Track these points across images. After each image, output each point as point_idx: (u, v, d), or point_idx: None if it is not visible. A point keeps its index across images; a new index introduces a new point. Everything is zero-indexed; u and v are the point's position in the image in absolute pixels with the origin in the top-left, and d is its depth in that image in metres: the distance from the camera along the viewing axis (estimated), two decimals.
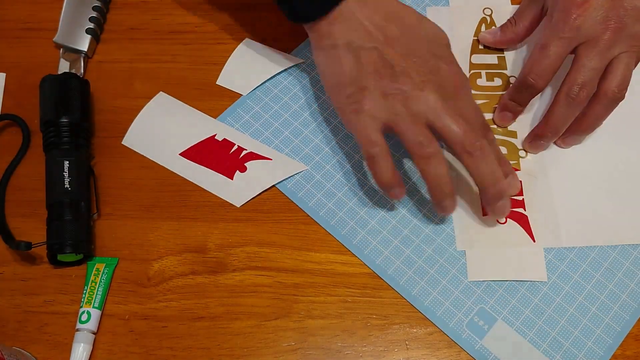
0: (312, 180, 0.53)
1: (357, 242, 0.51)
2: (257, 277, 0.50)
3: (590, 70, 0.49)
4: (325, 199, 0.53)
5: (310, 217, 0.52)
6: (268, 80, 0.58)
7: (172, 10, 0.61)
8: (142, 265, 0.51)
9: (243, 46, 0.59)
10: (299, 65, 0.58)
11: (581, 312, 0.49)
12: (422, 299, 0.49)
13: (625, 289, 0.49)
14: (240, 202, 0.53)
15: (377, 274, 0.50)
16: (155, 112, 0.56)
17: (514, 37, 0.57)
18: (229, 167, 0.54)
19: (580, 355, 0.47)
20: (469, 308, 0.49)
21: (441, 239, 0.51)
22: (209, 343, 0.48)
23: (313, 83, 0.57)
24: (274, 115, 0.56)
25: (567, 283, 0.50)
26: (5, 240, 0.50)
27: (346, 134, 0.55)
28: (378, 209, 0.52)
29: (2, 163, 0.54)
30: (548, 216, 0.52)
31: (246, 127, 0.56)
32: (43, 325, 0.49)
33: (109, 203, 0.53)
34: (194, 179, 0.53)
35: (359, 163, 0.54)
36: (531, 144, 0.54)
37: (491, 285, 0.50)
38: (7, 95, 0.57)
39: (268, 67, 0.58)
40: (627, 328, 0.48)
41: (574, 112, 0.51)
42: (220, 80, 0.58)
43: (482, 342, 0.48)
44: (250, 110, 0.56)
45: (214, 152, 0.54)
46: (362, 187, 0.53)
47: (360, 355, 0.48)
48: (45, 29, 0.60)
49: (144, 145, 0.55)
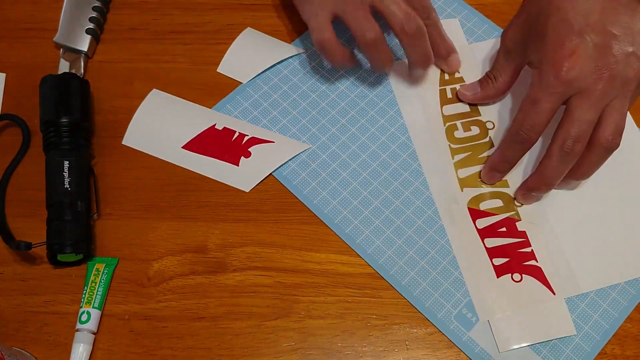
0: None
1: (349, 231, 0.52)
2: (258, 277, 0.50)
3: (584, 123, 0.47)
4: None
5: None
6: (268, 69, 0.58)
7: (172, 10, 0.61)
8: (142, 265, 0.51)
9: (244, 35, 0.60)
10: (299, 55, 0.59)
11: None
12: (412, 289, 0.50)
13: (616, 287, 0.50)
14: (249, 187, 0.53)
15: (370, 265, 0.50)
16: (152, 109, 0.56)
17: (495, 92, 0.56)
18: (233, 154, 0.54)
19: (567, 351, 0.47)
20: (458, 300, 0.49)
21: (433, 230, 0.51)
22: (209, 343, 0.48)
23: (313, 73, 0.58)
24: (273, 104, 0.57)
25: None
26: (5, 240, 0.50)
27: (344, 125, 0.56)
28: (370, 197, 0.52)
29: (2, 163, 0.54)
30: (560, 263, 0.50)
31: (245, 114, 0.56)
32: (43, 325, 0.48)
33: (109, 203, 0.53)
34: (200, 170, 0.54)
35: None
36: (524, 197, 0.52)
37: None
38: (7, 95, 0.57)
39: (269, 56, 0.58)
40: (612, 329, 0.48)
41: (569, 166, 0.49)
42: (221, 67, 0.58)
43: (469, 334, 0.48)
44: (249, 98, 0.57)
45: (216, 142, 0.55)
46: (357, 178, 0.53)
47: (360, 355, 0.48)
48: (45, 29, 0.60)
49: (145, 143, 0.55)
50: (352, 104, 0.57)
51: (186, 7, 0.62)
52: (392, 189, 0.53)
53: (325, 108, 0.57)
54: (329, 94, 0.57)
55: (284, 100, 0.57)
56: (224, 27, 0.60)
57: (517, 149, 0.51)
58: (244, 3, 0.62)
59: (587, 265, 0.50)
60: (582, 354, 0.47)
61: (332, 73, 0.58)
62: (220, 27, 0.60)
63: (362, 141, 0.55)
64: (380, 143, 0.55)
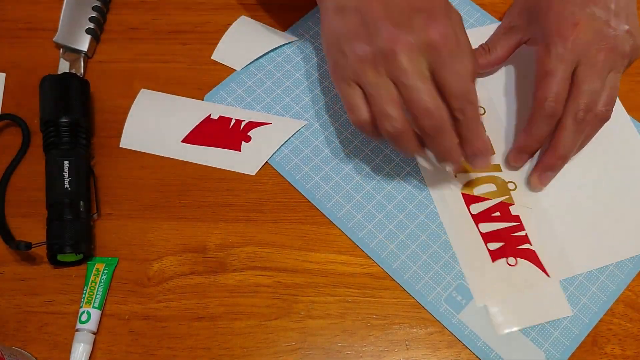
0: (300, 154, 0.54)
1: (341, 215, 0.52)
2: (257, 277, 0.50)
3: (593, 93, 0.49)
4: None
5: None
6: (262, 56, 0.58)
7: (172, 10, 0.61)
8: (142, 265, 0.51)
9: (238, 23, 0.60)
10: (293, 42, 0.59)
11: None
12: (403, 272, 0.50)
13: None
14: (254, 170, 0.54)
15: (361, 248, 0.51)
16: (144, 109, 0.56)
17: (487, 64, 0.56)
18: (233, 140, 0.55)
19: (556, 333, 0.48)
20: (448, 283, 0.50)
21: (424, 215, 0.52)
22: (209, 343, 0.48)
23: (306, 60, 0.58)
24: (266, 91, 0.57)
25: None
26: (5, 240, 0.50)
27: (336, 112, 0.56)
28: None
29: (2, 163, 0.54)
30: (554, 246, 0.51)
31: (239, 100, 0.57)
32: (43, 325, 0.48)
33: (109, 203, 0.53)
34: (203, 161, 0.54)
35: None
36: (541, 177, 0.52)
37: None
38: (7, 95, 0.57)
39: (263, 43, 0.59)
40: (604, 308, 0.49)
41: (582, 136, 0.51)
42: (215, 55, 0.59)
43: (459, 316, 0.49)
44: (243, 85, 0.57)
45: (215, 131, 0.55)
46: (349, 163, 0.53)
47: (361, 355, 0.48)
48: (45, 29, 0.60)
49: (143, 143, 0.55)
50: None
51: (186, 7, 0.62)
52: (384, 174, 0.53)
53: (318, 95, 0.57)
54: (322, 81, 0.58)
55: (278, 87, 0.57)
56: (224, 27, 0.60)
57: (545, 124, 0.51)
58: (244, 3, 0.62)
59: (581, 247, 0.51)
60: (571, 335, 0.48)
61: (324, 60, 0.58)
62: (220, 27, 0.60)
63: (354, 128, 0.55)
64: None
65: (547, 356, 0.47)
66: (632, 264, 0.50)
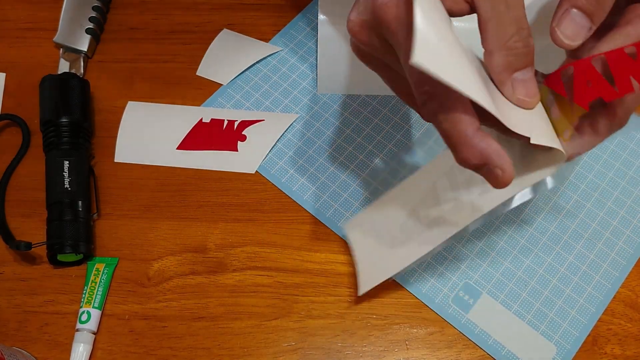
0: (294, 164, 0.54)
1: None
2: (257, 277, 0.50)
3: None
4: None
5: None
6: (248, 68, 0.58)
7: (172, 10, 0.61)
8: (142, 265, 0.51)
9: (220, 37, 0.60)
10: (278, 52, 0.59)
11: (564, 282, 0.50)
12: (407, 276, 0.50)
13: (606, 259, 0.50)
14: (253, 169, 0.54)
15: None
16: (134, 122, 0.56)
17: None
18: (229, 141, 0.55)
19: (565, 325, 0.48)
20: (454, 283, 0.50)
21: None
22: (209, 343, 0.48)
23: (292, 70, 0.58)
24: (255, 103, 0.57)
25: (549, 255, 0.50)
26: (5, 240, 0.50)
27: (327, 119, 0.56)
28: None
29: (2, 163, 0.54)
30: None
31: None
32: (43, 325, 0.49)
33: (109, 203, 0.53)
34: (201, 165, 0.54)
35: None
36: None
37: (475, 261, 0.50)
38: (7, 95, 0.57)
39: (247, 55, 0.59)
40: (609, 296, 0.49)
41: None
42: (200, 71, 0.58)
43: (467, 316, 0.49)
44: (231, 99, 0.57)
45: (209, 134, 0.55)
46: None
47: (360, 355, 0.48)
48: (45, 29, 0.60)
49: (138, 155, 0.55)
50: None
51: (186, 7, 0.62)
52: (380, 180, 0.53)
53: (307, 102, 0.57)
54: (309, 89, 0.57)
55: (266, 99, 0.57)
56: (224, 27, 0.60)
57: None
58: (244, 3, 0.62)
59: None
60: (579, 326, 0.48)
61: (311, 68, 0.58)
62: (220, 27, 0.60)
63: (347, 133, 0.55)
64: (377, 143, 0.55)
65: (559, 349, 0.48)
66: (632, 250, 0.51)
